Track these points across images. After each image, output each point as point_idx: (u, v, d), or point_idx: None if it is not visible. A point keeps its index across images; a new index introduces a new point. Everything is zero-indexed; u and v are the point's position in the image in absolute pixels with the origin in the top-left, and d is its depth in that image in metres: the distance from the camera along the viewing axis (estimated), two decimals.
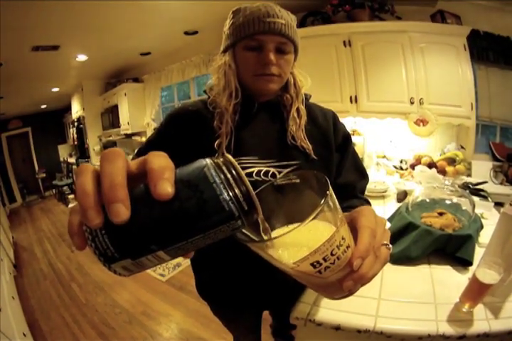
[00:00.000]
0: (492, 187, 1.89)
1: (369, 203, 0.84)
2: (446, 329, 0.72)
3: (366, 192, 1.72)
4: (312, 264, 0.33)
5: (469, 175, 2.16)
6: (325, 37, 2.34)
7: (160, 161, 0.26)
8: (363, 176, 0.87)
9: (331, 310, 0.81)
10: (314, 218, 0.31)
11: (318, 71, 2.39)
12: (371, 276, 0.38)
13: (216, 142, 0.73)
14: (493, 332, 0.72)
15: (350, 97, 2.34)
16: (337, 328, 0.76)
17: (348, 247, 0.35)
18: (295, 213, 0.38)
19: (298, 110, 0.78)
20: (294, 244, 0.33)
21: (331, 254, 0.33)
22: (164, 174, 0.24)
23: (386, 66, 2.24)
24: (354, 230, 0.39)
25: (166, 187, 0.24)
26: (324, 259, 0.33)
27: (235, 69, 0.74)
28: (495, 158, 2.20)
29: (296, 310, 0.83)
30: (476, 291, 0.78)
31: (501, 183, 2.02)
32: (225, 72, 0.75)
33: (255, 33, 0.67)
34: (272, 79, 0.72)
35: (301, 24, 2.56)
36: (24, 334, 1.90)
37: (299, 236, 0.32)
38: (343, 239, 0.35)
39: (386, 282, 0.92)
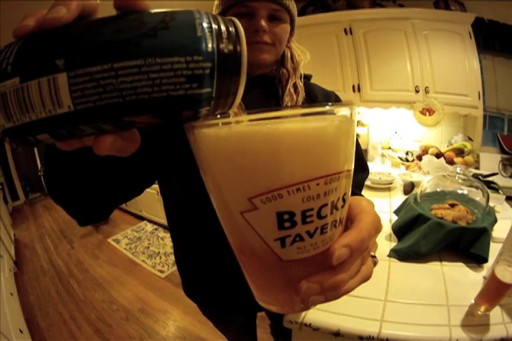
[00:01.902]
0: (501, 181, 1.81)
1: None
2: (461, 335, 0.64)
3: (371, 184, 1.68)
4: (280, 215, 0.20)
5: (477, 168, 2.08)
6: (325, 25, 2.28)
7: None
8: (363, 169, 0.79)
9: (329, 313, 0.72)
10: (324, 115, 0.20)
11: (320, 60, 2.34)
12: (344, 291, 0.25)
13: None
14: (511, 337, 0.64)
15: (353, 86, 2.27)
16: (336, 334, 0.67)
17: (340, 221, 0.23)
18: None
19: (295, 85, 0.70)
20: (270, 157, 0.19)
21: (319, 213, 0.20)
22: None
23: (389, 54, 2.17)
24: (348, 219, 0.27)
25: None
26: (304, 216, 0.20)
27: None
28: (503, 151, 2.12)
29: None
30: (494, 292, 0.69)
31: (510, 176, 1.94)
32: None
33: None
34: (265, 49, 0.64)
35: (302, 13, 2.51)
36: (21, 331, 1.88)
37: (285, 145, 0.19)
38: (343, 199, 0.22)
39: (393, 281, 0.83)
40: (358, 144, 0.79)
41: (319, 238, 0.22)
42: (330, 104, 0.20)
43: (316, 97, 0.75)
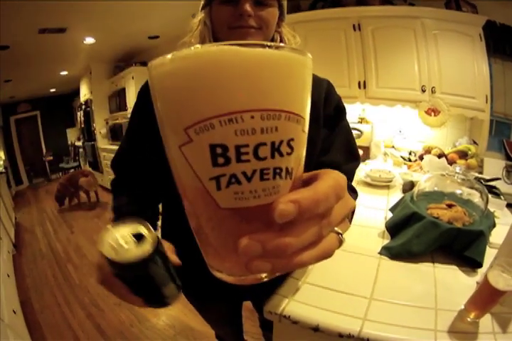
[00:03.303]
0: (504, 187, 1.77)
1: (355, 192, 0.72)
2: None
3: (370, 181, 1.65)
4: (213, 148, 0.18)
5: (481, 173, 2.03)
6: (334, 20, 2.25)
7: None
8: (354, 158, 0.75)
9: (310, 307, 0.70)
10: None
11: (326, 55, 2.31)
12: (296, 263, 0.22)
13: None
14: None
15: (359, 82, 2.24)
16: (315, 329, 0.65)
17: (288, 172, 0.21)
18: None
19: None
20: (203, 82, 0.18)
21: (256, 153, 0.19)
22: None
23: (397, 51, 2.13)
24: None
25: None
26: (239, 152, 0.18)
27: (210, 26, 0.66)
28: (508, 157, 2.07)
29: (270, 304, 0.72)
30: (486, 298, 0.67)
31: None
32: (199, 31, 0.67)
33: None
34: (250, 32, 0.61)
35: (311, 8, 2.48)
36: (14, 312, 1.91)
37: (218, 68, 0.18)
38: (289, 146, 0.20)
39: (381, 279, 0.81)
40: (350, 133, 0.76)
41: (259, 185, 0.20)
42: (286, 48, 0.20)
43: None
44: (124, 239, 0.37)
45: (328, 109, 0.72)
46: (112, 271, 0.37)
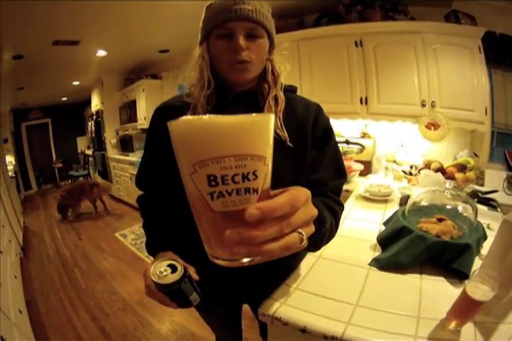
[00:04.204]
0: (504, 198, 1.78)
1: (340, 204, 0.79)
2: None
3: (369, 196, 1.70)
4: (209, 177, 0.30)
5: (482, 185, 2.05)
6: (337, 37, 2.32)
7: None
8: (340, 175, 0.82)
9: (299, 310, 0.77)
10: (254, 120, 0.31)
11: (329, 71, 2.39)
12: (265, 250, 0.32)
13: None
14: None
15: (361, 99, 2.30)
16: (303, 330, 0.72)
17: (254, 190, 0.32)
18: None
19: (275, 98, 0.76)
20: (214, 136, 0.29)
21: (233, 179, 0.30)
22: None
23: (398, 67, 2.18)
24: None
25: None
26: (223, 179, 0.30)
27: (208, 60, 0.75)
28: (510, 168, 2.07)
29: (264, 306, 0.79)
30: (465, 308, 0.70)
31: None
32: (199, 64, 0.76)
33: (224, 21, 0.68)
34: (246, 68, 0.71)
35: (316, 24, 2.57)
36: (20, 311, 1.96)
37: (225, 131, 0.29)
38: (254, 174, 0.31)
39: (368, 288, 0.87)
40: (337, 153, 0.83)
41: (236, 197, 0.31)
42: (254, 114, 0.31)
43: (295, 108, 0.80)
44: (164, 269, 0.63)
45: (317, 131, 0.79)
46: (157, 288, 0.63)
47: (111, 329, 2.05)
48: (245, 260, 0.34)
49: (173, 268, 0.63)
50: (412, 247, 0.96)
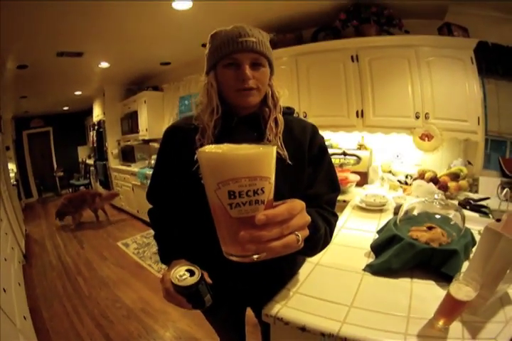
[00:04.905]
0: (497, 204, 1.81)
1: (335, 215, 0.88)
2: None
3: (365, 206, 1.77)
4: (229, 192, 0.40)
5: (476, 192, 2.11)
6: (333, 52, 2.40)
7: None
8: (334, 189, 0.91)
9: (299, 311, 0.84)
10: (265, 150, 0.42)
11: (326, 85, 2.46)
12: (270, 247, 0.43)
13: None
14: None
15: (357, 112, 2.37)
16: (302, 329, 0.79)
17: (262, 202, 0.42)
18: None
19: (275, 120, 0.85)
20: (233, 163, 0.39)
21: (247, 194, 0.40)
22: None
23: (392, 81, 2.26)
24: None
25: None
26: (240, 194, 0.40)
27: (216, 87, 0.83)
28: (504, 174, 2.10)
29: (267, 308, 0.87)
30: (450, 307, 0.77)
31: (506, 200, 1.95)
32: (207, 91, 0.84)
33: (231, 53, 0.76)
34: (251, 93, 0.79)
35: (313, 39, 2.64)
36: (24, 318, 1.99)
37: (241, 160, 0.40)
38: (262, 190, 0.41)
39: (362, 291, 0.94)
40: (331, 168, 0.92)
41: (248, 207, 0.41)
42: (261, 147, 0.42)
43: (293, 130, 0.89)
44: (183, 273, 0.72)
45: (313, 150, 0.88)
46: (176, 290, 0.71)
47: (115, 336, 2.09)
48: (254, 256, 0.43)
49: (191, 273, 0.72)
50: (402, 254, 1.03)
